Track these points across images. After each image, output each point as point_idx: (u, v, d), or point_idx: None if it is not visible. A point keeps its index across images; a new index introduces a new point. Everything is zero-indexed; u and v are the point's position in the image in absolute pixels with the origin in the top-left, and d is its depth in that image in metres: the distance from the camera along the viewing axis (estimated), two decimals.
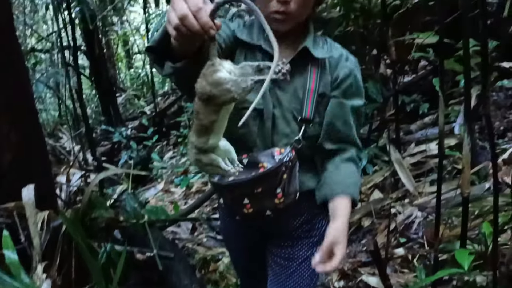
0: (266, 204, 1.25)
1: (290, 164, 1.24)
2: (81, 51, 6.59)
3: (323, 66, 1.30)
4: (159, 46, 0.99)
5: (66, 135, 4.94)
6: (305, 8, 1.23)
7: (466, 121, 1.30)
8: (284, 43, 1.30)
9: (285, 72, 0.84)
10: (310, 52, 1.27)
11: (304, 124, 1.28)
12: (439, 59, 1.47)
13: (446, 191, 2.70)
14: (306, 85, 1.28)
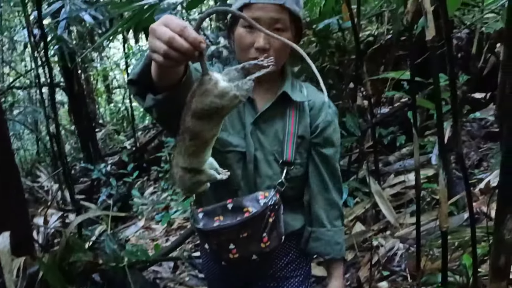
0: (252, 248, 1.25)
1: (275, 207, 1.25)
2: (60, 87, 6.58)
3: (302, 109, 1.34)
4: (140, 79, 0.99)
5: (44, 173, 4.85)
6: (283, 55, 1.28)
7: (440, 157, 1.33)
8: (264, 88, 1.34)
9: (270, 64, 0.86)
10: (289, 96, 1.30)
11: (286, 166, 1.30)
12: (411, 97, 1.51)
13: (426, 222, 2.73)
14: (286, 128, 1.31)
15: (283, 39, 0.96)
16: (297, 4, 1.24)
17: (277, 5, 1.19)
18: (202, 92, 0.81)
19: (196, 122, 0.84)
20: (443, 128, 1.40)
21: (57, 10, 3.89)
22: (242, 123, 1.31)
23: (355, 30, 2.58)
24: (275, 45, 1.22)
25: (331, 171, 1.38)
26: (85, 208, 3.87)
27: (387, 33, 3.63)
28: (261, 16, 1.19)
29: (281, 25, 1.21)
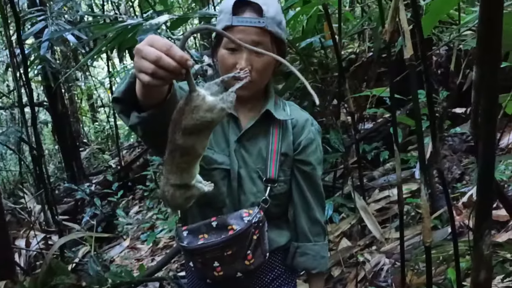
0: (236, 266, 1.26)
1: (259, 224, 1.26)
2: (43, 107, 6.52)
3: (285, 127, 1.36)
4: (125, 97, 1.00)
5: (27, 194, 4.78)
6: (266, 76, 1.30)
7: (421, 173, 1.35)
8: (248, 106, 1.36)
9: (246, 75, 0.89)
10: (272, 114, 1.32)
11: (269, 184, 1.32)
12: (391, 114, 1.53)
13: (411, 237, 2.75)
14: (269, 146, 1.33)
15: (272, 54, 0.99)
16: (279, 26, 1.26)
17: (258, 28, 1.22)
18: (192, 109, 0.82)
19: (187, 138, 0.86)
20: (423, 144, 1.43)
21: (41, 30, 3.89)
22: (227, 141, 1.33)
23: (336, 48, 2.63)
24: (256, 66, 1.25)
25: (314, 188, 1.40)
26: (69, 229, 3.82)
27: (369, 51, 3.70)
28: (243, 39, 1.20)
29: (263, 48, 1.23)
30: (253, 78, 1.26)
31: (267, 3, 1.24)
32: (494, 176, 0.89)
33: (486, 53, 0.75)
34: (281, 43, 1.31)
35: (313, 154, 1.38)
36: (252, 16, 1.22)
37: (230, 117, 1.34)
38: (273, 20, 1.24)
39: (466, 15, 2.67)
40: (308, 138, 1.38)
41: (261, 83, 1.32)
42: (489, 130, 0.78)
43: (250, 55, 1.24)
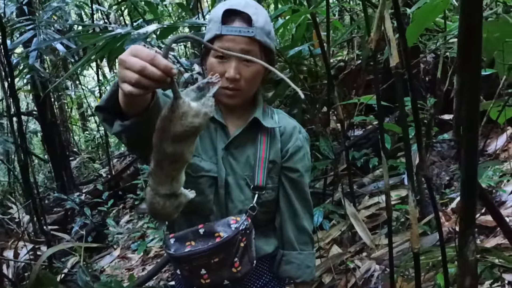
0: (223, 273, 1.26)
1: (246, 232, 1.26)
2: (33, 116, 6.47)
3: (273, 135, 1.37)
4: (108, 105, 1.00)
5: (16, 204, 4.73)
6: (254, 84, 1.32)
7: (409, 180, 1.36)
8: (236, 115, 1.37)
9: (218, 80, 0.89)
10: (260, 122, 1.33)
11: (257, 191, 1.32)
12: (379, 122, 1.55)
13: (401, 243, 2.77)
14: (257, 154, 1.33)
15: (261, 62, 1.00)
16: (267, 36, 1.28)
17: (247, 37, 1.23)
18: (181, 115, 0.83)
19: (177, 146, 0.86)
20: (410, 151, 1.44)
21: (30, 39, 3.87)
22: (214, 148, 1.34)
23: (325, 56, 2.65)
24: (245, 75, 1.26)
25: (301, 196, 1.40)
26: (58, 239, 3.78)
27: (357, 59, 3.73)
28: (231, 48, 1.22)
29: (252, 56, 1.24)
30: (241, 86, 1.28)
31: (256, 13, 1.25)
32: (477, 183, 0.90)
33: (467, 62, 0.76)
34: (270, 52, 1.32)
35: (300, 161, 1.39)
36: (241, 26, 1.23)
37: (218, 125, 1.35)
38: (262, 30, 1.25)
39: (452, 22, 2.71)
40: (296, 145, 1.38)
41: (249, 91, 1.33)
42: (471, 138, 0.79)
43: (238, 64, 1.25)
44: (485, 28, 1.38)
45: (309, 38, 3.26)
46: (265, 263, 1.46)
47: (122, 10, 5.35)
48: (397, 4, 1.23)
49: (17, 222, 4.16)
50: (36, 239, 3.13)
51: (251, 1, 1.30)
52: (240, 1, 1.26)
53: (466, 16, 0.76)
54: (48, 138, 5.79)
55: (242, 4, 1.25)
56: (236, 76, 1.25)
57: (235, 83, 1.27)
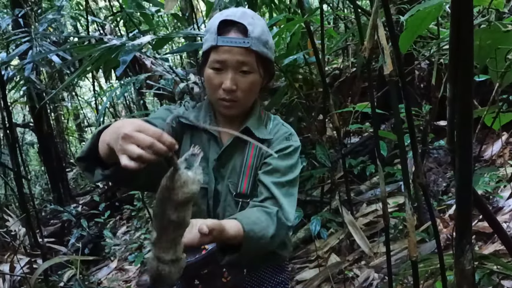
0: (215, 284, 1.26)
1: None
2: (29, 128, 6.46)
3: (265, 144, 1.36)
4: (88, 155, 1.06)
5: (12, 217, 4.71)
6: (251, 95, 1.32)
7: (405, 188, 1.36)
8: (228, 122, 1.38)
9: (200, 152, 0.92)
10: (251, 131, 1.33)
11: (240, 198, 1.32)
12: (374, 129, 1.55)
13: (399, 250, 2.75)
14: (244, 161, 1.33)
15: None
16: (265, 46, 1.28)
17: (243, 48, 1.23)
18: (182, 185, 0.88)
19: (180, 212, 0.90)
20: (406, 159, 1.44)
21: (25, 51, 3.87)
22: (206, 159, 1.34)
23: (320, 64, 2.66)
24: (241, 86, 1.27)
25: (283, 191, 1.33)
26: (55, 252, 3.75)
27: (352, 66, 3.74)
28: (228, 59, 1.24)
29: (247, 68, 1.26)
30: (238, 97, 1.28)
31: (252, 23, 1.25)
32: (473, 190, 0.89)
33: (459, 70, 0.76)
34: (268, 63, 1.33)
35: (275, 164, 1.33)
36: (237, 36, 1.24)
37: (211, 136, 1.36)
38: (259, 40, 1.25)
39: (446, 29, 2.72)
40: (282, 144, 1.37)
41: (247, 102, 1.34)
42: (465, 145, 0.78)
43: (235, 75, 1.26)
44: (478, 36, 1.38)
45: (304, 46, 3.27)
46: (267, 271, 1.45)
47: (117, 21, 5.37)
48: (389, 13, 1.24)
49: (13, 235, 4.13)
50: (32, 252, 3.11)
51: (249, 11, 1.31)
52: (237, 12, 1.27)
53: (456, 25, 0.76)
54: (45, 150, 5.77)
55: (238, 15, 1.25)
56: (233, 87, 1.26)
57: (232, 94, 1.27)
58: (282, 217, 1.27)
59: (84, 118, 8.93)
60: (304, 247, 3.21)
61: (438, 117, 3.26)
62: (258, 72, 1.29)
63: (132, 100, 7.22)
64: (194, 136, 1.38)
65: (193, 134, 1.38)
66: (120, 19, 5.15)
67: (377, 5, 1.47)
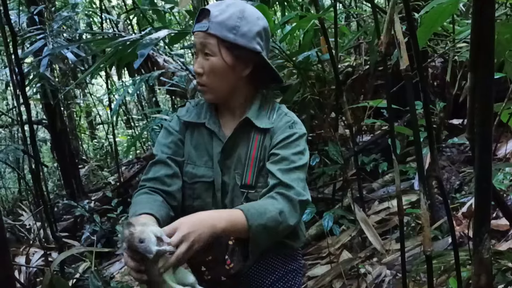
0: (219, 271, 1.31)
1: None
2: (42, 125, 6.52)
3: (267, 133, 1.38)
4: None
5: (26, 211, 4.77)
6: (217, 79, 1.34)
7: (420, 182, 1.36)
8: (230, 115, 1.40)
9: (173, 250, 1.09)
10: (252, 122, 1.36)
11: (246, 189, 1.34)
12: (389, 125, 1.55)
13: (411, 248, 2.75)
14: (248, 152, 1.36)
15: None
16: (230, 31, 1.29)
17: (203, 32, 1.29)
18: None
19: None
20: (421, 153, 1.44)
21: (40, 48, 3.92)
22: (209, 153, 1.37)
23: (333, 61, 2.66)
24: (206, 70, 1.33)
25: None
26: (68, 246, 3.79)
27: (365, 64, 3.74)
28: (196, 43, 1.32)
29: (208, 50, 1.31)
30: (205, 82, 1.34)
31: (221, 10, 1.30)
32: (492, 180, 0.90)
33: (480, 58, 0.77)
34: (238, 49, 1.32)
35: (287, 138, 1.36)
36: (201, 22, 1.30)
37: (211, 131, 1.39)
38: (221, 24, 1.29)
39: (460, 27, 2.71)
40: (285, 133, 1.37)
41: (216, 87, 1.36)
42: (485, 133, 0.79)
43: (201, 59, 1.32)
44: (495, 30, 1.38)
45: (316, 44, 3.28)
46: (278, 258, 1.47)
47: (130, 19, 5.41)
48: (408, 7, 1.24)
49: (27, 229, 4.19)
50: (47, 246, 3.15)
51: (231, 1, 1.35)
52: (219, 1, 1.36)
53: (479, 14, 0.77)
54: (58, 147, 5.83)
55: (214, 4, 1.36)
56: (198, 70, 1.33)
57: (200, 78, 1.34)
58: (292, 195, 1.28)
59: (96, 116, 9.00)
60: (315, 244, 3.22)
61: (452, 115, 3.25)
62: (219, 55, 1.31)
63: (144, 97, 7.27)
64: (195, 133, 1.43)
65: (194, 131, 1.43)
66: (133, 17, 5.19)
67: (394, 0, 1.48)
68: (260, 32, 1.34)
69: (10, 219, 4.64)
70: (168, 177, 1.35)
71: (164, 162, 1.37)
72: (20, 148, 4.40)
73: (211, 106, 1.44)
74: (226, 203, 1.37)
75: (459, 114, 3.50)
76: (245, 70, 1.36)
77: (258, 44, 1.34)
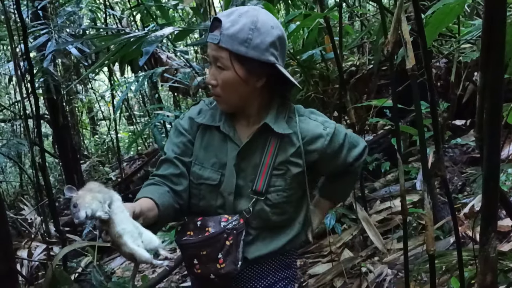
0: (210, 267, 1.32)
1: (234, 232, 1.30)
2: (44, 119, 6.53)
3: (286, 140, 1.36)
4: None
5: (28, 206, 4.78)
6: (230, 92, 1.32)
7: (424, 182, 1.37)
8: (245, 120, 1.39)
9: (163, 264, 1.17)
10: (270, 127, 1.34)
11: (255, 195, 1.34)
12: (395, 123, 1.56)
13: (413, 247, 2.75)
14: (262, 159, 1.35)
15: None
16: (243, 44, 1.24)
17: (215, 44, 1.26)
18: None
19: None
20: (426, 152, 1.45)
21: (43, 43, 3.93)
22: (218, 157, 1.37)
23: (338, 60, 2.66)
24: (219, 82, 1.30)
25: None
26: (69, 241, 3.80)
27: (369, 63, 3.74)
28: (209, 54, 1.30)
29: (220, 64, 1.28)
30: (219, 93, 1.32)
31: (233, 20, 1.24)
32: (499, 179, 0.91)
33: (490, 58, 0.78)
34: (248, 61, 1.27)
35: (328, 145, 1.42)
36: (213, 33, 1.26)
37: (225, 135, 1.38)
38: (233, 37, 1.23)
39: (465, 28, 2.72)
40: (320, 142, 1.39)
41: (229, 99, 1.34)
42: (494, 132, 0.80)
43: (215, 70, 1.30)
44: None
45: (320, 42, 3.28)
46: (272, 262, 1.46)
47: (134, 15, 5.41)
48: (417, 7, 1.25)
49: (29, 223, 4.20)
50: (49, 240, 3.16)
51: (244, 8, 1.29)
52: (232, 9, 1.30)
53: (489, 11, 0.77)
54: (60, 142, 5.83)
55: (227, 12, 1.28)
56: (212, 82, 1.31)
57: (214, 89, 1.32)
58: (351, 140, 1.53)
59: (97, 111, 9.01)
60: (317, 242, 3.23)
61: (455, 115, 3.26)
62: (232, 69, 1.26)
63: (146, 93, 7.28)
64: (206, 135, 1.40)
65: (206, 133, 1.40)
66: (137, 13, 5.19)
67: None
68: (274, 42, 1.27)
69: (12, 213, 4.65)
70: (175, 177, 1.35)
71: (171, 161, 1.37)
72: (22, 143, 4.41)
73: (225, 113, 1.41)
74: (236, 207, 1.36)
75: (462, 115, 3.51)
76: (259, 81, 1.31)
77: (272, 55, 1.27)
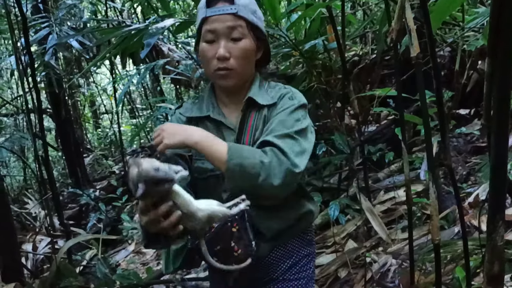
0: (229, 258, 1.30)
1: (236, 217, 1.28)
2: (47, 113, 6.53)
3: (266, 109, 1.37)
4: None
5: (32, 200, 4.79)
6: (245, 63, 1.33)
7: (429, 171, 1.36)
8: (233, 102, 1.39)
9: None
10: (254, 100, 1.35)
11: None
12: (399, 113, 1.54)
13: (417, 237, 2.75)
14: (243, 135, 1.36)
15: None
16: (253, 15, 1.31)
17: (231, 15, 1.27)
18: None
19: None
20: (431, 140, 1.44)
21: (44, 37, 3.91)
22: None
23: (341, 50, 2.64)
24: (235, 54, 1.30)
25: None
26: (74, 234, 3.82)
27: (371, 53, 3.71)
28: (217, 27, 1.27)
29: (238, 33, 1.28)
30: (232, 65, 1.31)
31: None
32: (507, 168, 0.89)
33: (498, 44, 0.76)
34: (259, 32, 1.34)
35: (283, 115, 1.32)
36: (223, 5, 1.27)
37: (216, 122, 1.38)
38: (246, 7, 1.29)
39: (469, 16, 2.69)
40: (284, 107, 1.34)
41: (242, 71, 1.34)
42: (502, 120, 0.78)
43: (227, 43, 1.28)
44: None
45: (322, 32, 3.25)
46: (295, 241, 1.48)
47: (135, 7, 5.38)
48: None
49: (33, 217, 4.21)
50: (53, 233, 3.17)
51: None
52: None
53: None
54: (63, 135, 5.84)
55: None
56: (226, 55, 1.28)
57: (226, 62, 1.30)
58: (283, 158, 1.22)
59: (100, 105, 9.01)
60: (320, 233, 3.23)
61: (459, 105, 3.23)
62: (250, 37, 1.31)
63: (148, 86, 7.26)
64: (198, 126, 1.39)
65: (198, 125, 1.38)
66: (137, 6, 5.16)
67: None
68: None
69: (16, 207, 4.66)
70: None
71: (173, 158, 1.36)
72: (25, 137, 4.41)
73: (212, 98, 1.42)
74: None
75: (466, 104, 3.48)
76: (259, 52, 1.38)
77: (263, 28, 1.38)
